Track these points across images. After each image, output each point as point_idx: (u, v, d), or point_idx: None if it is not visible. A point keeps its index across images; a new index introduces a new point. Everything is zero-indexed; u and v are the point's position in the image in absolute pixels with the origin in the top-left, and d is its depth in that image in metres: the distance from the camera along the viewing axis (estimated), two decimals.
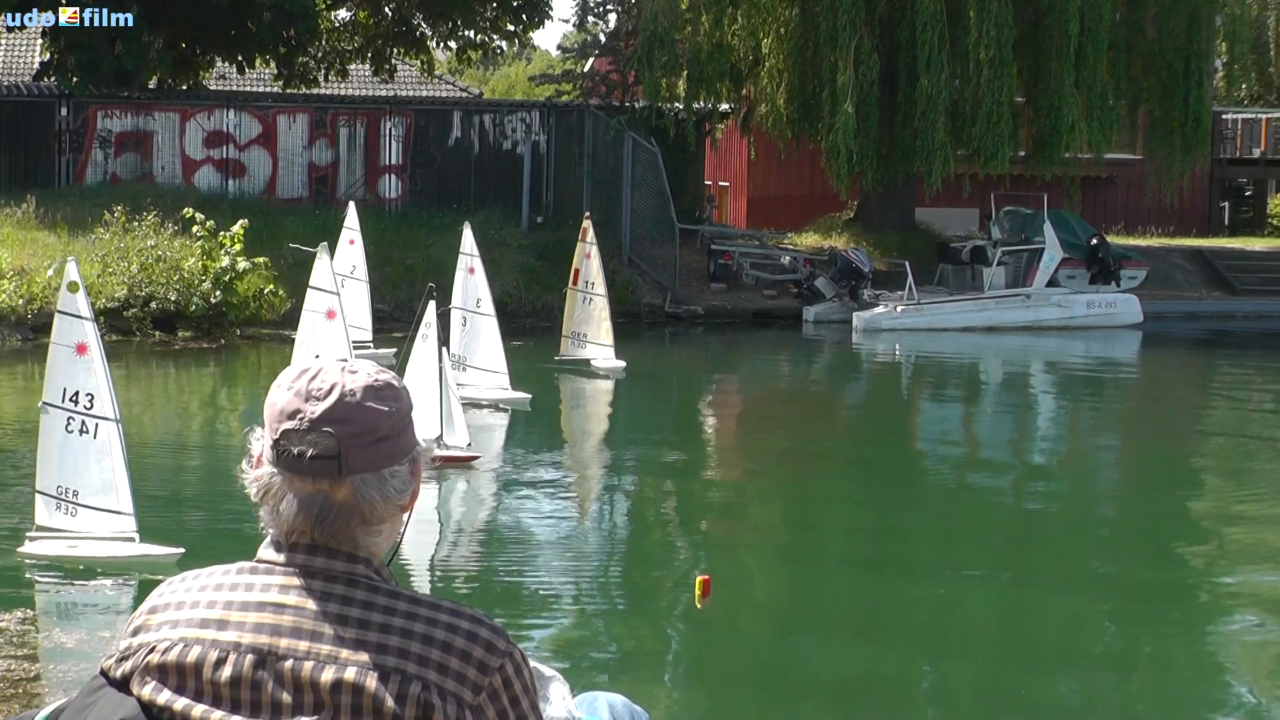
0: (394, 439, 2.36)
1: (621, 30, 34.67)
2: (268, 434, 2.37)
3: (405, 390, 2.43)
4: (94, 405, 9.89)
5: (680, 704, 8.29)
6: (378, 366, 2.43)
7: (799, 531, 13.04)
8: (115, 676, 2.37)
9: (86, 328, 9.96)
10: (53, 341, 10.09)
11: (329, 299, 14.24)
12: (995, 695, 8.70)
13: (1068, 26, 28.69)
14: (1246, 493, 14.77)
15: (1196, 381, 23.95)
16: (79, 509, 9.95)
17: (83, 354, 9.91)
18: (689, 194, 32.15)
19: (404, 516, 2.44)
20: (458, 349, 16.88)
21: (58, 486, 9.95)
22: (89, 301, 10.18)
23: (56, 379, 9.98)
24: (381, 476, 2.35)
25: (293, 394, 2.35)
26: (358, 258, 20.10)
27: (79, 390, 9.87)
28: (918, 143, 28.97)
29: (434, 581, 10.49)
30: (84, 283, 10.13)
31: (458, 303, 17.26)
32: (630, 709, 3.32)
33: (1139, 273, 30.43)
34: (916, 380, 24.22)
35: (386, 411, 2.36)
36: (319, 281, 14.37)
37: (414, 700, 2.27)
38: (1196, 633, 10.01)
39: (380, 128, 30.37)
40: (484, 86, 64.54)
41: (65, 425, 9.93)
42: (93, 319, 10.07)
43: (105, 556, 9.99)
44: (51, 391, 9.98)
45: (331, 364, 2.40)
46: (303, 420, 2.33)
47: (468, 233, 17.78)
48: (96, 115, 29.02)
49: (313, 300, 14.38)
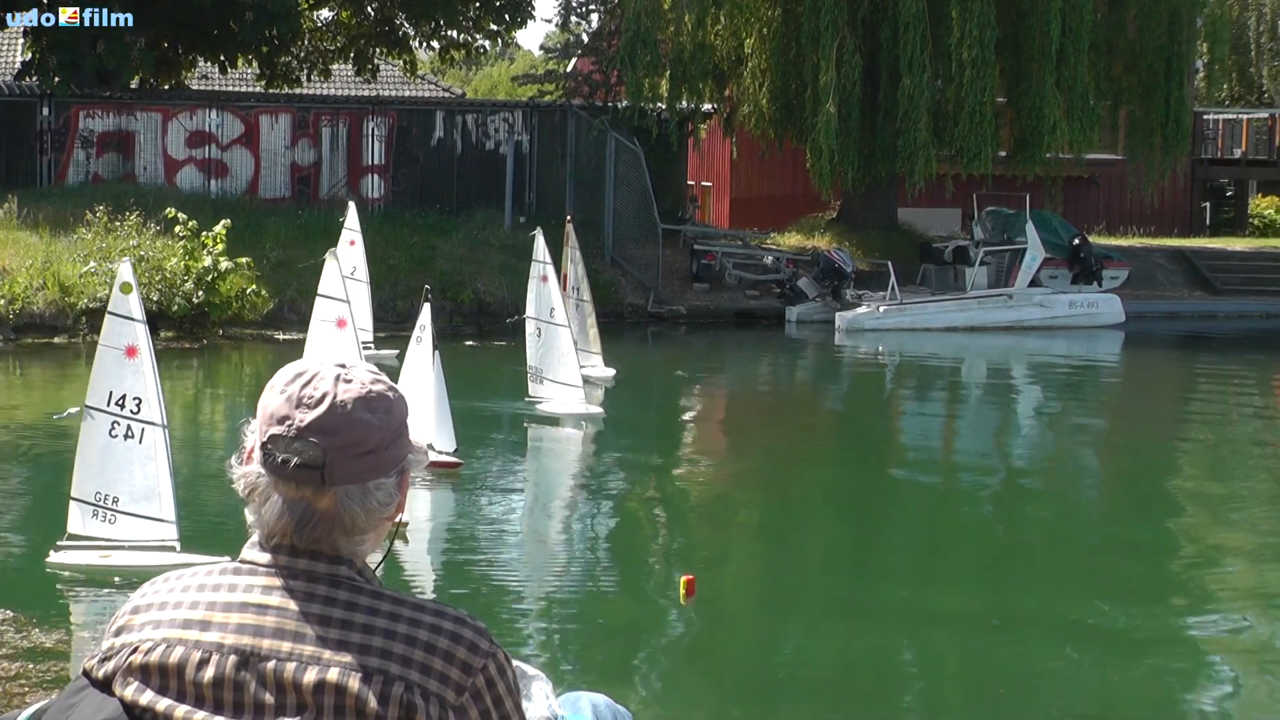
0: (381, 452, 2.35)
1: (604, 30, 34.66)
2: (257, 434, 2.36)
3: (400, 401, 2.40)
4: (141, 409, 9.58)
5: (664, 703, 8.30)
6: (374, 375, 2.40)
7: (782, 532, 13.06)
8: (98, 677, 2.37)
9: (138, 330, 9.65)
10: (101, 343, 9.75)
11: (339, 307, 13.64)
12: (979, 685, 8.72)
13: (1049, 27, 28.75)
14: (1230, 500, 14.81)
15: (1178, 381, 24.01)
16: (118, 516, 9.60)
17: (132, 357, 9.61)
18: (672, 194, 32.16)
19: (389, 524, 2.42)
20: (534, 361, 16.35)
21: (96, 493, 9.60)
22: (141, 303, 9.83)
23: (102, 382, 9.65)
24: (366, 489, 2.34)
25: (284, 399, 2.34)
26: (358, 259, 20.11)
27: (126, 394, 9.56)
28: (900, 143, 29.01)
29: (418, 583, 10.49)
30: (137, 284, 9.83)
31: (531, 312, 16.49)
32: (613, 708, 3.32)
33: (1121, 273, 30.52)
34: (899, 381, 24.26)
35: (376, 425, 2.34)
36: (328, 289, 13.72)
37: (397, 701, 2.27)
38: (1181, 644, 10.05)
39: (363, 128, 30.33)
40: (467, 86, 64.50)
41: (109, 430, 9.60)
42: (144, 321, 9.76)
43: (142, 566, 9.48)
44: (96, 395, 9.64)
45: (327, 369, 2.37)
46: (290, 427, 2.32)
47: (539, 240, 16.69)
48: (78, 115, 28.94)
49: (322, 309, 13.77)
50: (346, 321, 13.46)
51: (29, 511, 12.18)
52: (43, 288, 23.45)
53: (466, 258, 27.66)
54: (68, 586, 9.80)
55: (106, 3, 27.66)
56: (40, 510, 11.95)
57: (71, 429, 10.98)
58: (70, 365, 21.69)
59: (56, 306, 23.39)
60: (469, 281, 26.52)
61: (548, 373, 16.30)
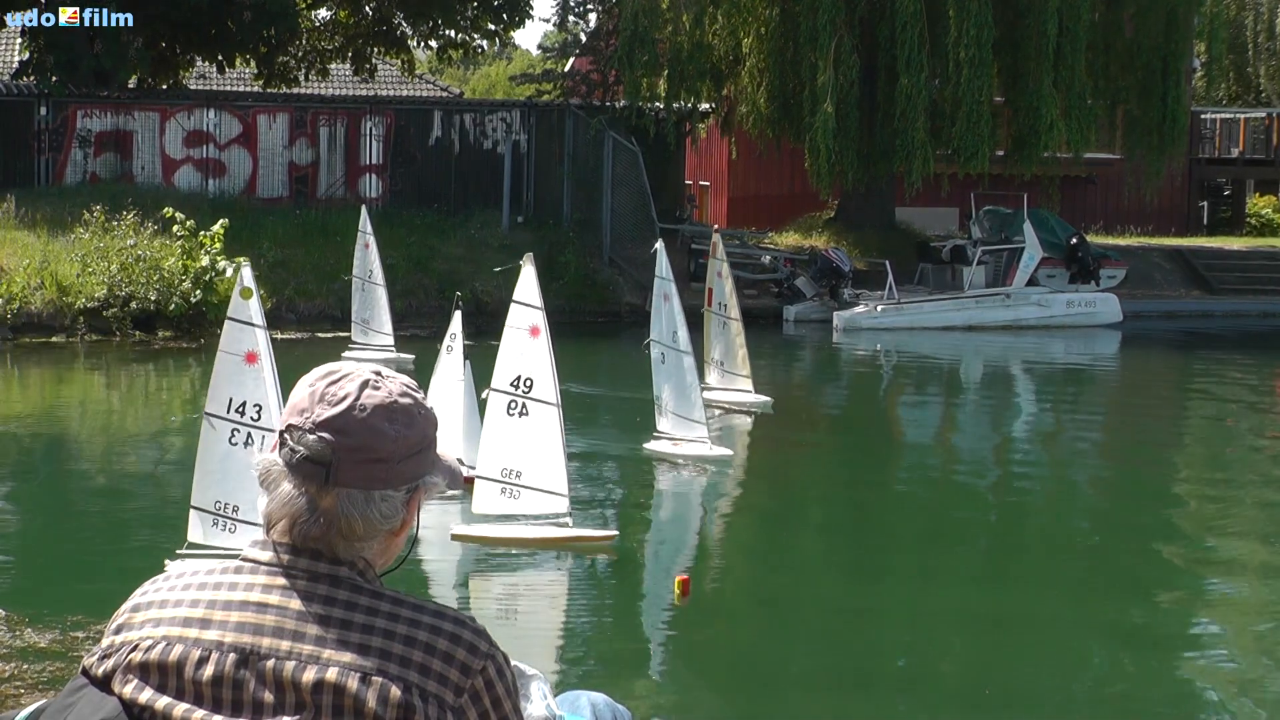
0: (393, 464, 2.34)
1: (602, 30, 34.66)
2: (279, 424, 2.39)
3: (425, 419, 2.39)
4: (261, 417, 9.33)
5: (662, 702, 8.30)
6: (406, 388, 2.39)
7: (779, 529, 13.07)
8: (97, 675, 2.37)
9: (258, 335, 9.42)
10: (220, 350, 9.51)
11: (533, 314, 11.62)
12: (977, 685, 8.73)
13: (1046, 26, 28.77)
14: (1229, 500, 14.82)
15: (1175, 381, 24.02)
16: (239, 525, 9.36)
17: (252, 363, 9.38)
18: (669, 193, 32.17)
19: (402, 540, 2.42)
20: (659, 391, 14.93)
21: (216, 502, 9.37)
22: (262, 308, 9.59)
23: (222, 389, 9.40)
24: (370, 497, 2.34)
25: (309, 393, 2.37)
26: (374, 262, 20.18)
27: (246, 401, 9.30)
28: (898, 142, 29.03)
29: (417, 585, 10.49)
30: (257, 288, 9.61)
31: (654, 335, 15.06)
32: (612, 707, 3.33)
33: (1118, 272, 30.54)
34: (896, 380, 24.26)
35: (391, 435, 2.34)
36: (524, 295, 11.69)
37: (395, 702, 2.27)
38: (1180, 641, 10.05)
39: (361, 127, 30.33)
40: (464, 86, 64.48)
41: (229, 437, 9.38)
42: (264, 326, 9.52)
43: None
44: (216, 402, 9.39)
45: (360, 372, 2.38)
46: (307, 420, 2.34)
47: (662, 255, 15.14)
48: (76, 115, 28.93)
49: (516, 315, 11.68)
50: (540, 330, 11.67)
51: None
52: (40, 287, 23.45)
53: (464, 257, 27.66)
54: None
55: (106, 3, 27.65)
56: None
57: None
58: (68, 365, 21.69)
59: (54, 306, 23.38)
60: (466, 281, 26.50)
61: (670, 404, 14.87)
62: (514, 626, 9.54)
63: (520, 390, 10.79)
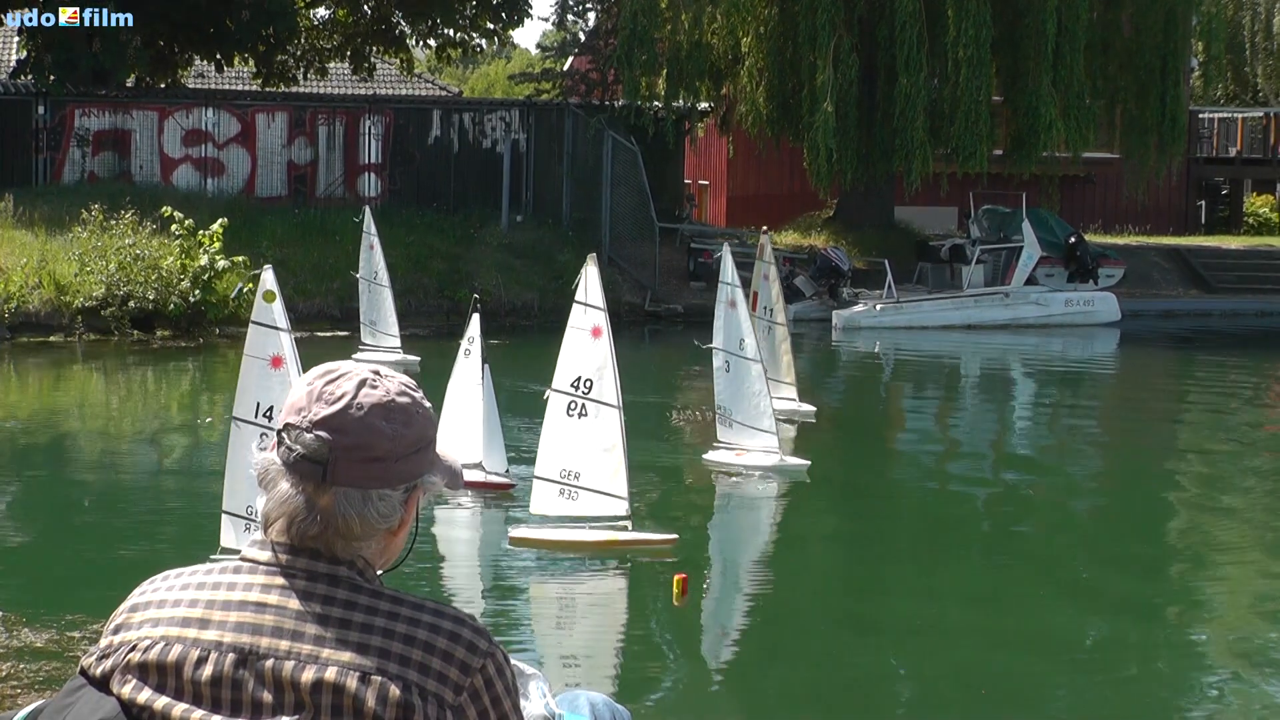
0: (390, 463, 2.34)
1: (601, 29, 34.65)
2: (278, 422, 2.39)
3: (423, 418, 2.39)
4: None
5: (661, 702, 8.30)
6: (405, 387, 2.39)
7: (777, 529, 13.06)
8: (95, 675, 2.36)
9: (283, 339, 9.28)
10: (245, 354, 9.39)
11: (595, 315, 10.99)
12: (977, 686, 8.73)
13: (1045, 26, 28.78)
14: (1228, 500, 14.82)
15: (1174, 380, 24.02)
16: None
17: (278, 367, 9.24)
18: (669, 193, 32.17)
19: (401, 539, 2.41)
20: (721, 399, 14.12)
21: (247, 507, 9.26)
22: (285, 312, 9.44)
23: (249, 393, 9.27)
24: (367, 496, 2.34)
25: (308, 391, 2.37)
26: (379, 263, 20.19)
27: (273, 405, 9.10)
28: (897, 141, 29.04)
29: (417, 584, 10.48)
30: (280, 292, 9.45)
31: (718, 343, 14.15)
32: (611, 707, 3.32)
33: (1116, 271, 30.54)
34: (895, 379, 24.26)
35: (388, 434, 2.34)
36: (589, 296, 11.04)
37: (395, 701, 2.27)
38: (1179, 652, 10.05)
39: (359, 126, 30.32)
40: (463, 85, 64.48)
41: (257, 442, 9.12)
42: (289, 330, 9.37)
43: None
44: (243, 407, 9.27)
45: (360, 371, 2.39)
46: (304, 419, 2.34)
47: (727, 257, 14.26)
48: (74, 113, 28.92)
49: (578, 316, 11.08)
50: (602, 330, 11.08)
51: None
52: (38, 287, 23.44)
53: (463, 256, 27.65)
54: None
55: (106, 2, 27.62)
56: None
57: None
58: (66, 365, 21.68)
59: (52, 305, 23.37)
60: (465, 280, 26.50)
61: (736, 414, 14.09)
62: (511, 626, 9.54)
63: (580, 391, 10.71)
